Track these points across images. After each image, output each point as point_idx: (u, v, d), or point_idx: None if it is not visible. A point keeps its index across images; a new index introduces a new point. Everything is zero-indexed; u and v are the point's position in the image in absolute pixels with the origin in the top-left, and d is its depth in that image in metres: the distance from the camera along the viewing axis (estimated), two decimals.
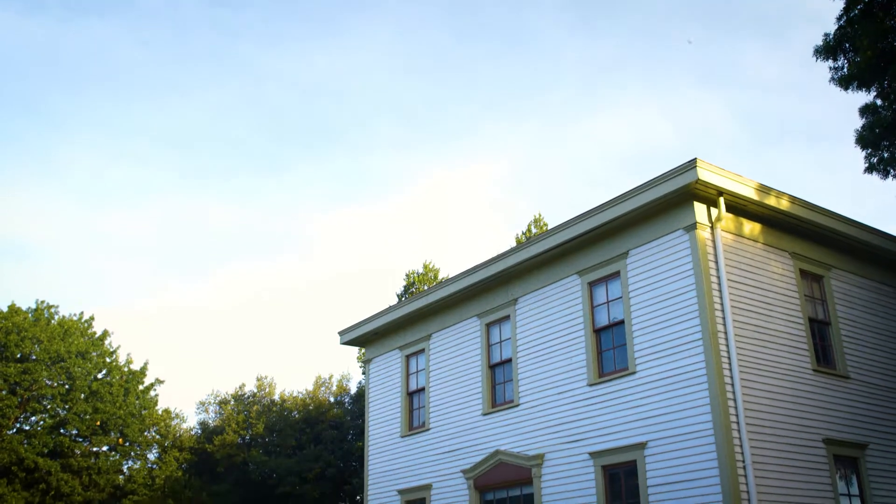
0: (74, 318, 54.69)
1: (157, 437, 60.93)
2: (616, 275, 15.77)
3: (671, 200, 14.65)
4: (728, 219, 14.83)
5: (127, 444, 55.86)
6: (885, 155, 17.47)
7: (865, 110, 17.58)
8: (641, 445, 14.38)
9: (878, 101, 17.35)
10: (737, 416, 13.40)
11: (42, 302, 53.84)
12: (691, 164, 14.03)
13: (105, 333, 55.45)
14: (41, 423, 51.96)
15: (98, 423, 52.75)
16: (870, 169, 17.75)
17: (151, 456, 60.51)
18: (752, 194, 14.77)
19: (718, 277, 14.22)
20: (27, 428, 52.03)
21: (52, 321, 53.36)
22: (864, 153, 17.73)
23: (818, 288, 16.22)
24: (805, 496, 13.93)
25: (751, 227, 15.29)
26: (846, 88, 17.14)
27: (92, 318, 55.87)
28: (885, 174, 17.62)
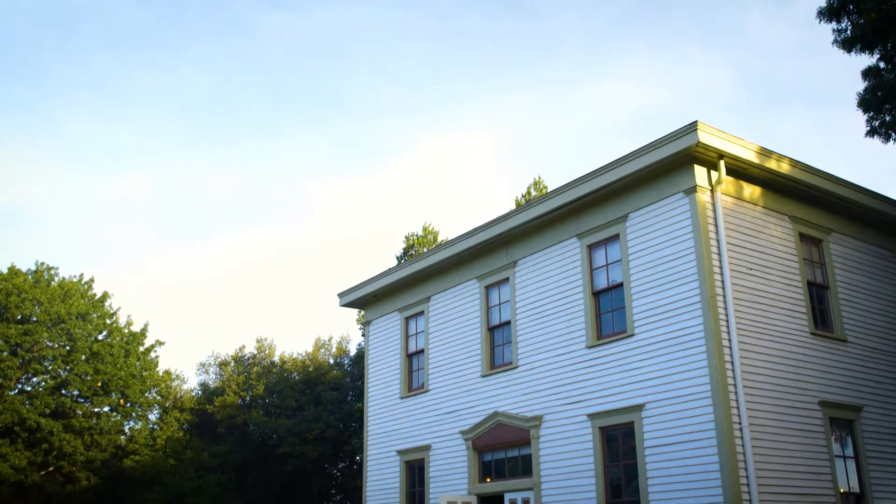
0: (74, 280, 54.75)
1: (158, 398, 61.34)
2: (615, 237, 15.77)
3: (671, 163, 14.60)
4: (728, 182, 14.80)
5: (128, 404, 56.28)
6: (887, 118, 17.38)
7: (868, 73, 17.45)
8: (639, 407, 14.49)
9: (881, 64, 17.23)
10: (734, 378, 13.48)
11: (42, 264, 53.93)
12: (692, 127, 13.96)
13: (105, 295, 55.60)
14: (42, 383, 52.29)
15: (99, 384, 53.08)
16: (871, 132, 17.67)
17: (152, 416, 60.98)
18: (752, 157, 14.72)
19: (718, 241, 14.22)
20: (29, 389, 52.37)
21: (52, 283, 53.46)
22: (865, 116, 17.64)
23: (817, 252, 16.23)
24: (801, 457, 14.06)
25: (751, 191, 15.27)
26: (849, 51, 17.01)
27: (92, 281, 55.94)
28: (887, 138, 17.54)
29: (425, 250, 26.61)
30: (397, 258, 49.42)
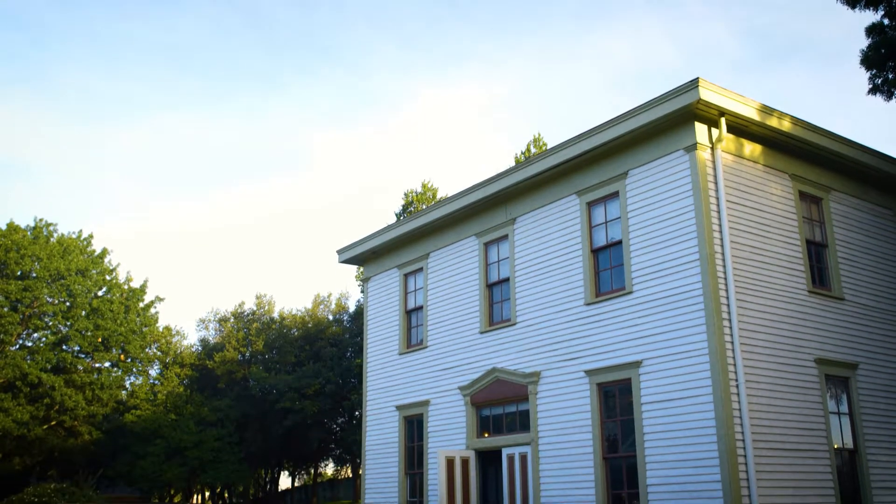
0: (73, 236, 54.74)
1: (159, 353, 61.70)
2: (615, 195, 15.74)
3: (672, 120, 14.53)
4: (729, 139, 14.73)
5: (128, 360, 56.60)
6: (890, 76, 17.26)
7: (872, 30, 17.28)
8: (636, 364, 14.58)
9: (886, 21, 17.05)
10: (731, 336, 13.56)
11: (41, 220, 53.88)
12: (693, 84, 13.87)
13: (104, 251, 55.65)
14: (43, 339, 52.53)
15: (99, 339, 53.34)
16: (874, 90, 17.55)
17: (153, 372, 61.37)
18: (753, 115, 14.64)
19: (717, 198, 14.20)
20: (30, 344, 52.62)
21: (52, 239, 53.44)
22: (868, 74, 17.51)
23: (817, 210, 16.22)
24: (796, 414, 14.19)
25: (751, 149, 15.21)
26: (853, 7, 16.83)
27: (91, 237, 55.93)
28: (889, 95, 17.43)
29: (424, 207, 26.58)
30: (396, 215, 49.39)
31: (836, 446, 14.75)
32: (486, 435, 17.80)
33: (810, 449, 14.20)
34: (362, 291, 33.38)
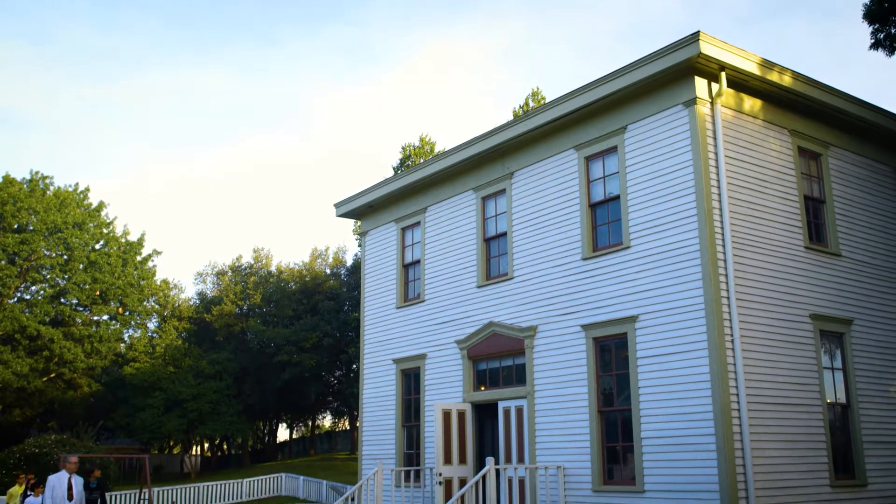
0: (70, 190, 54.55)
1: (157, 306, 61.89)
2: (613, 150, 15.68)
3: (672, 75, 14.41)
4: (729, 94, 14.64)
5: (127, 313, 56.81)
6: (892, 30, 17.09)
7: None
8: (633, 319, 14.65)
9: None
10: (727, 291, 13.61)
11: (37, 173, 53.62)
12: (694, 38, 13.73)
13: (101, 205, 55.54)
14: (41, 292, 52.62)
15: (97, 292, 53.46)
16: (876, 45, 17.39)
17: (151, 325, 61.65)
18: (754, 69, 14.52)
19: (716, 153, 14.15)
20: (28, 297, 52.72)
21: (48, 192, 53.25)
22: (871, 28, 17.33)
23: (815, 166, 16.18)
24: (790, 369, 14.31)
25: (751, 104, 15.11)
26: None
27: (87, 190, 55.76)
28: (891, 51, 17.27)
29: (422, 161, 26.43)
30: (394, 169, 49.25)
31: (828, 401, 14.90)
32: (483, 388, 17.94)
33: (803, 403, 14.34)
34: (360, 245, 33.42)
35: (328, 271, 63.16)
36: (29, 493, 19.07)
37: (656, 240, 14.50)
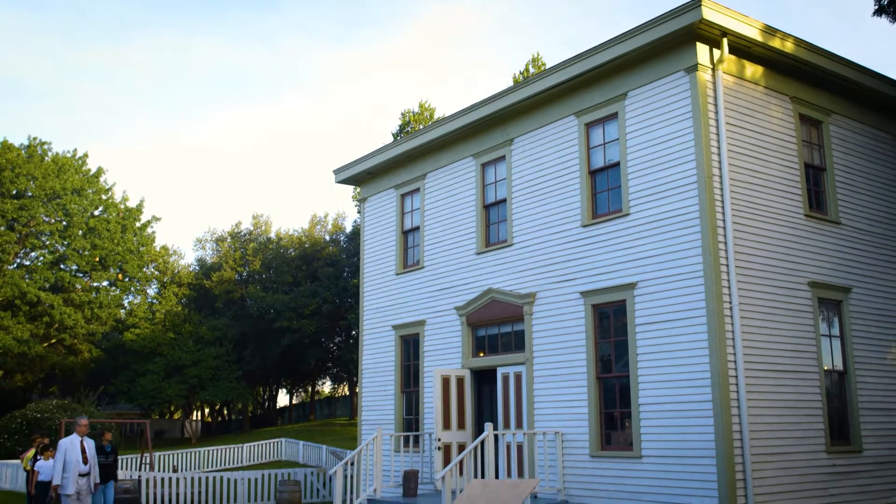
0: (68, 156, 54.35)
1: (156, 273, 62.00)
2: (613, 116, 15.61)
3: (673, 40, 14.31)
4: (730, 61, 14.54)
5: (126, 279, 56.91)
6: None
7: None
8: (632, 286, 14.68)
9: None
10: (727, 258, 13.62)
11: (35, 139, 53.42)
12: (696, 3, 13.61)
13: (100, 171, 55.41)
14: (41, 258, 52.66)
15: (97, 258, 53.52)
16: (879, 11, 17.27)
17: (151, 291, 61.78)
18: (756, 35, 14.41)
19: (717, 120, 14.09)
20: (27, 263, 52.77)
21: (46, 158, 53.08)
22: None
23: (816, 133, 16.12)
24: (787, 336, 14.36)
25: (753, 70, 15.02)
26: None
27: (86, 156, 55.61)
28: (895, 17, 17.14)
29: (421, 127, 26.33)
30: (393, 135, 49.08)
31: (825, 368, 14.98)
32: (482, 354, 18.03)
33: (801, 370, 14.42)
34: (359, 212, 33.39)
35: (327, 238, 63.19)
36: (38, 456, 18.85)
37: (656, 207, 14.48)
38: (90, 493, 14.82)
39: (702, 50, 14.14)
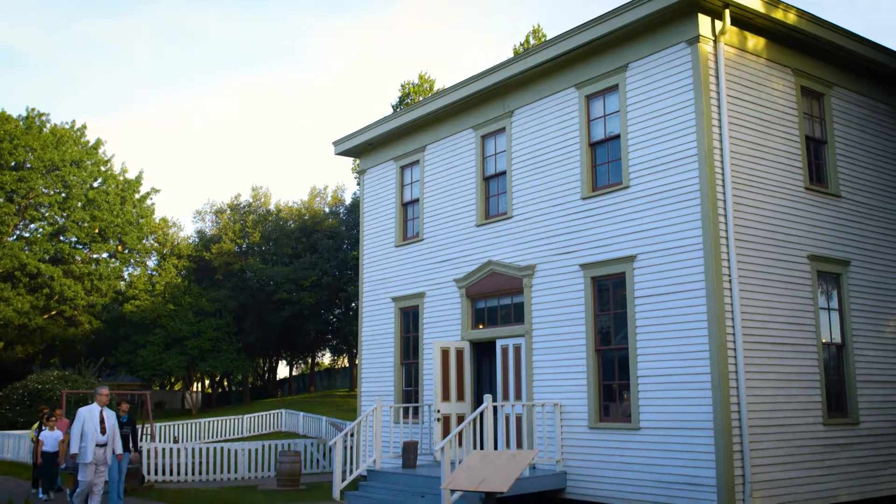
0: (66, 127, 54.14)
1: (156, 245, 62.03)
2: (614, 88, 15.54)
3: (675, 12, 14.21)
4: (732, 32, 14.45)
5: (126, 251, 56.94)
6: None
7: None
8: (631, 258, 14.69)
9: None
10: (726, 231, 13.62)
11: (33, 110, 53.21)
12: None
13: (98, 142, 55.24)
14: (40, 230, 52.65)
15: (96, 230, 53.51)
16: None
17: (151, 263, 61.83)
18: (758, 6, 14.31)
19: (718, 93, 14.03)
20: (27, 235, 52.76)
21: (44, 129, 52.88)
22: None
23: (818, 106, 16.05)
24: (786, 309, 14.40)
25: (755, 42, 14.93)
26: None
27: (84, 127, 55.41)
28: None
29: (421, 99, 26.11)
30: (393, 107, 48.87)
31: (823, 341, 15.03)
32: (481, 326, 18.08)
33: (798, 343, 14.47)
34: (358, 184, 33.31)
35: (327, 210, 63.14)
36: (43, 427, 18.56)
37: (656, 179, 14.46)
38: (107, 464, 14.46)
39: (703, 21, 14.05)
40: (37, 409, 27.28)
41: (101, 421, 14.27)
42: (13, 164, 50.26)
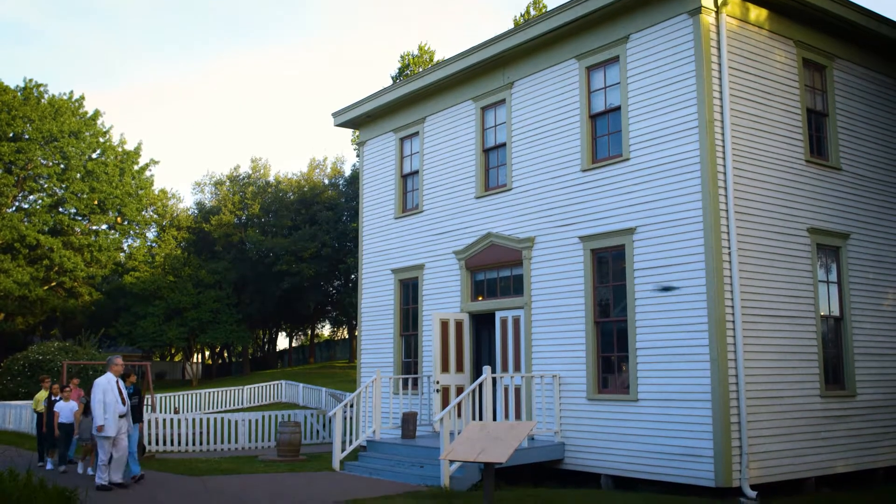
0: (64, 98, 53.88)
1: (155, 216, 62.00)
2: (615, 60, 15.44)
3: None
4: (734, 3, 14.34)
5: (125, 222, 56.91)
6: None
7: None
8: (630, 231, 14.68)
9: None
10: (726, 203, 13.60)
11: (30, 81, 52.91)
12: None
13: (97, 113, 55.00)
14: (39, 201, 52.56)
15: (95, 202, 53.43)
16: None
17: (150, 235, 61.82)
18: None
19: (720, 64, 13.95)
20: (26, 206, 52.68)
21: (42, 100, 52.63)
22: None
23: (819, 78, 15.96)
24: (785, 282, 14.42)
25: (757, 13, 14.82)
26: None
27: (82, 98, 55.16)
28: None
29: (420, 70, 26.00)
30: (392, 78, 48.62)
31: (822, 314, 15.06)
32: (480, 298, 18.10)
33: (797, 316, 14.50)
34: (358, 156, 33.23)
35: (326, 181, 63.04)
36: (54, 398, 18.35)
37: (656, 152, 14.41)
38: (127, 434, 14.28)
39: None
40: (37, 379, 27.34)
41: (120, 391, 14.06)
42: (11, 135, 50.08)
